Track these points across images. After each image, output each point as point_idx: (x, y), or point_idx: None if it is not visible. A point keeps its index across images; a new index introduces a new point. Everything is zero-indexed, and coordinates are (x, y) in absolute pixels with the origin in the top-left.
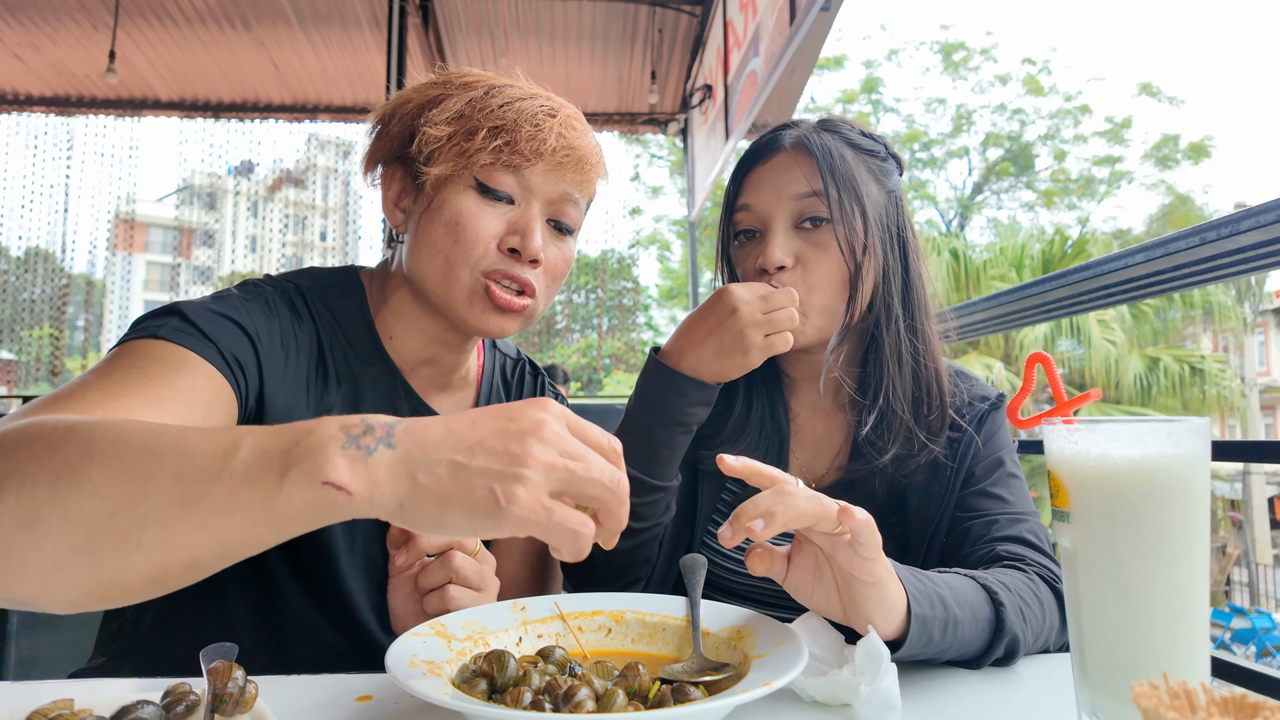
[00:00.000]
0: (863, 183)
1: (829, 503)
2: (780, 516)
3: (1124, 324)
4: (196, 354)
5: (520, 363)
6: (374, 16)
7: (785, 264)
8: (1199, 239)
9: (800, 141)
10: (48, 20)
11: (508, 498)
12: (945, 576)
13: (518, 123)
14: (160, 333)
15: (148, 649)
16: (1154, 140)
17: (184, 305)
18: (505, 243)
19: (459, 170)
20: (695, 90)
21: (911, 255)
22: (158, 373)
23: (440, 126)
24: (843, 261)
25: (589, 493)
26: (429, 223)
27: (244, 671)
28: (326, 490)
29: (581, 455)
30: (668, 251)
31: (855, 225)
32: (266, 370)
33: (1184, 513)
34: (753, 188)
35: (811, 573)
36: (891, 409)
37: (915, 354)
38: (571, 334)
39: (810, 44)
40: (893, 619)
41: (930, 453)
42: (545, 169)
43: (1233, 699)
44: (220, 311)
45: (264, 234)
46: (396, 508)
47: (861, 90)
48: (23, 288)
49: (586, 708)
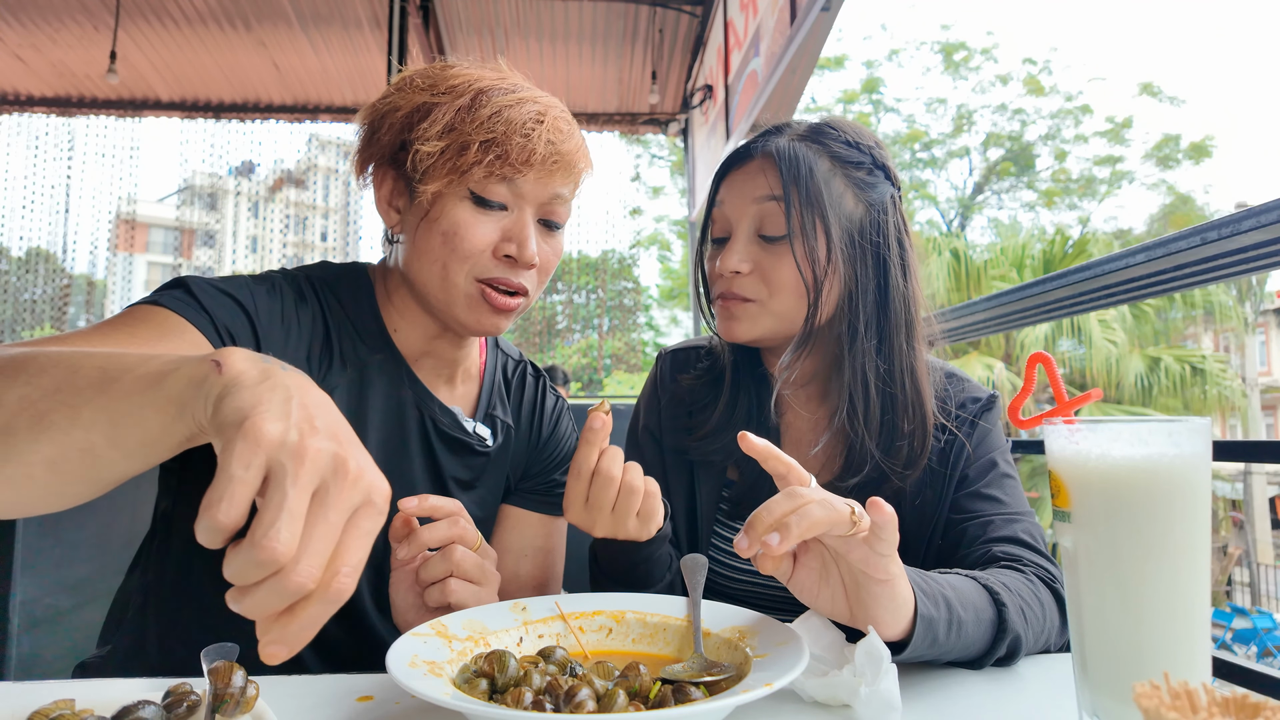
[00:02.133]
0: (833, 197)
1: (842, 505)
2: (795, 529)
3: (1125, 324)
4: (189, 322)
5: (522, 364)
6: (374, 17)
7: (740, 270)
8: (1200, 239)
9: (771, 149)
10: (49, 21)
11: (259, 429)
12: (948, 577)
13: (508, 134)
14: (161, 300)
15: (153, 640)
16: (1155, 140)
17: (190, 279)
18: (500, 249)
19: (453, 184)
20: (696, 90)
21: (892, 271)
22: (144, 334)
23: (431, 143)
24: (799, 274)
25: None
26: (426, 232)
27: (245, 671)
28: (206, 363)
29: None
30: (668, 252)
31: (815, 242)
32: (263, 346)
33: (1185, 513)
34: (725, 190)
35: (818, 573)
36: (856, 433)
37: (887, 377)
38: (572, 334)
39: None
40: (901, 619)
41: (892, 486)
42: (536, 176)
43: (1234, 699)
44: (222, 288)
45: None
46: (221, 387)
47: (862, 90)
48: (24, 288)
49: (587, 708)
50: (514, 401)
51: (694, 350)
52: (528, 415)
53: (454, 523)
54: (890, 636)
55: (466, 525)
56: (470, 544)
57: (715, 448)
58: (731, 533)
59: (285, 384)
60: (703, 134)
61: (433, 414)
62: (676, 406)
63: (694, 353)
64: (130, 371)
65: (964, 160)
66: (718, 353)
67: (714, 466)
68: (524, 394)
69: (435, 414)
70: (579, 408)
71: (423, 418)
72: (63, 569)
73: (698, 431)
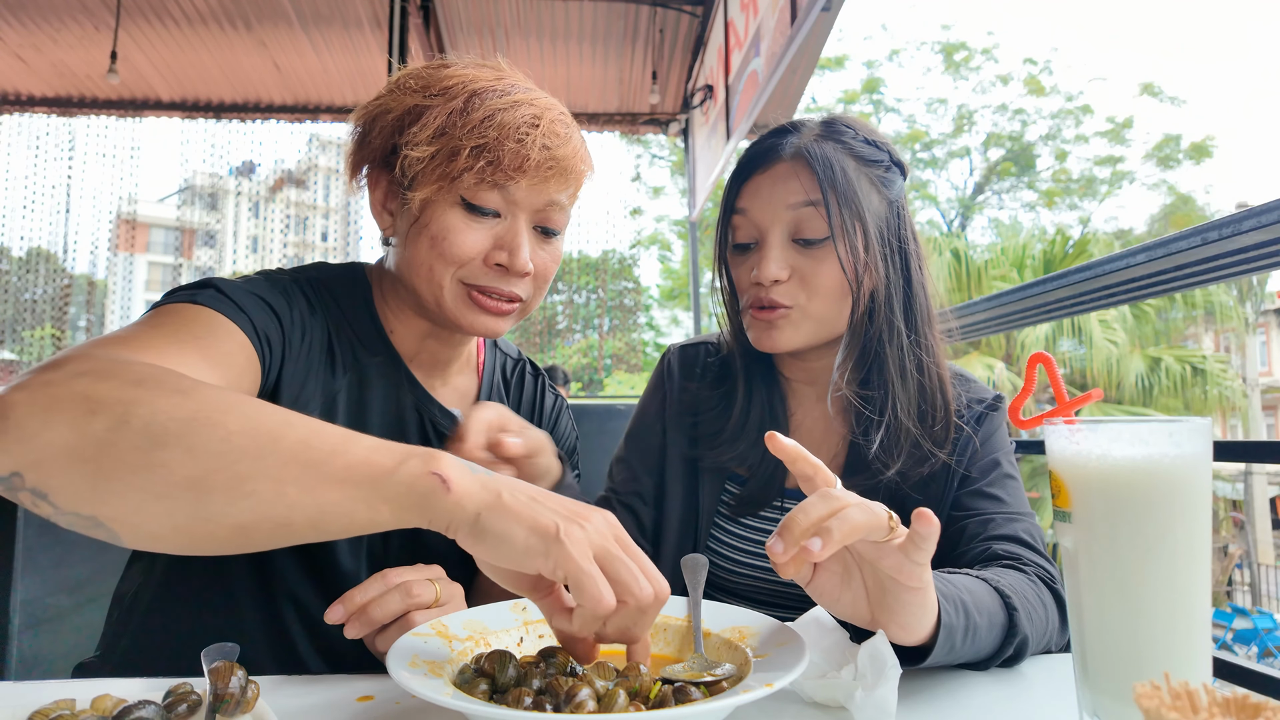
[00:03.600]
0: (864, 196)
1: (880, 510)
2: (837, 533)
3: (1125, 324)
4: (233, 321)
5: (520, 363)
6: (375, 17)
7: (780, 278)
8: (1200, 239)
9: (801, 152)
10: (49, 21)
11: (566, 534)
12: (962, 580)
13: (500, 140)
14: (199, 299)
15: (153, 640)
16: (1156, 140)
17: (217, 279)
18: (492, 258)
19: (443, 191)
20: (696, 90)
21: (913, 264)
22: (202, 332)
23: (421, 148)
24: (842, 276)
25: (622, 575)
26: (416, 236)
27: (245, 671)
28: (432, 479)
29: (636, 556)
30: (669, 252)
31: (856, 241)
32: (288, 351)
33: (1185, 513)
34: (750, 195)
35: (839, 576)
36: (899, 422)
37: (920, 366)
38: (573, 334)
39: (811, 44)
40: (925, 626)
41: (936, 462)
42: (530, 182)
43: (1235, 699)
44: (251, 290)
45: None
46: (474, 515)
47: (863, 90)
48: (24, 288)
49: (588, 708)
50: (512, 400)
51: (701, 346)
52: (525, 414)
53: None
54: (911, 643)
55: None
56: (426, 604)
57: (730, 456)
58: (734, 527)
59: (515, 488)
60: (703, 134)
61: (432, 416)
62: (681, 410)
63: (701, 349)
64: (338, 455)
65: (964, 160)
66: (727, 355)
67: (719, 470)
68: (522, 393)
69: (435, 416)
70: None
71: (422, 420)
72: (63, 569)
73: (712, 439)
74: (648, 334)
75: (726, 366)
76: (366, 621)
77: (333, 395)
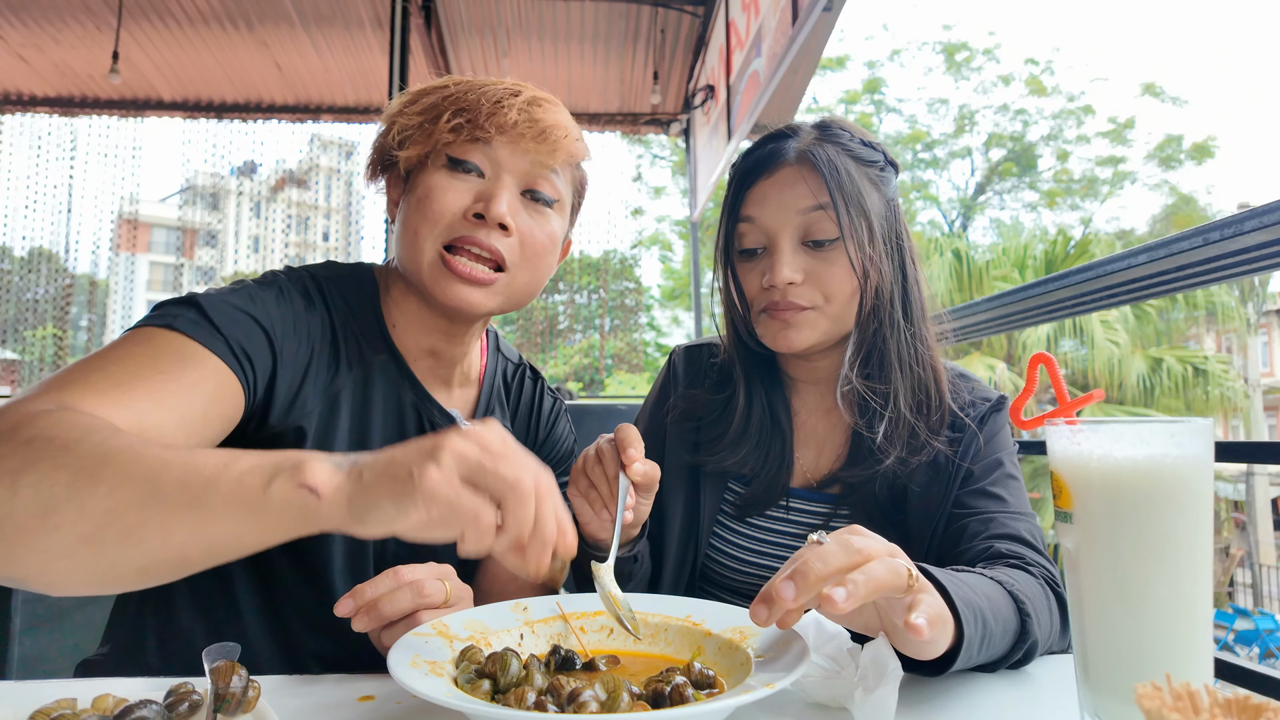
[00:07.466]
0: (867, 195)
1: (901, 569)
2: (863, 589)
3: (1127, 324)
4: (206, 348)
5: (521, 367)
6: (376, 17)
7: (795, 280)
8: (1202, 239)
9: (805, 155)
10: (51, 21)
11: (420, 475)
12: (977, 582)
13: (479, 102)
14: (176, 324)
15: (154, 639)
16: (1157, 140)
17: (201, 297)
18: (470, 210)
19: (429, 151)
20: (697, 91)
21: (909, 260)
22: (165, 364)
23: (412, 116)
24: (852, 274)
25: (492, 483)
26: (406, 204)
27: (246, 671)
28: (301, 492)
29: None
30: (670, 252)
31: (864, 240)
32: (279, 361)
33: (1187, 514)
34: (756, 203)
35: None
36: (900, 414)
37: (917, 358)
38: (574, 334)
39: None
40: (940, 647)
41: (931, 450)
42: (509, 142)
43: (1236, 700)
44: (235, 305)
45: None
46: (346, 505)
47: (864, 90)
48: (26, 288)
49: (590, 708)
50: (512, 404)
51: (707, 347)
52: (524, 417)
53: (417, 590)
54: (927, 658)
55: (431, 589)
56: (435, 604)
57: (733, 460)
58: (737, 526)
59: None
60: (704, 134)
61: (432, 417)
62: (682, 417)
63: (707, 349)
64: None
65: (966, 161)
66: (726, 360)
67: (721, 473)
68: (522, 396)
69: (435, 417)
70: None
71: (422, 420)
72: None
73: (714, 444)
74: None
75: (727, 371)
76: (376, 616)
77: (335, 394)
